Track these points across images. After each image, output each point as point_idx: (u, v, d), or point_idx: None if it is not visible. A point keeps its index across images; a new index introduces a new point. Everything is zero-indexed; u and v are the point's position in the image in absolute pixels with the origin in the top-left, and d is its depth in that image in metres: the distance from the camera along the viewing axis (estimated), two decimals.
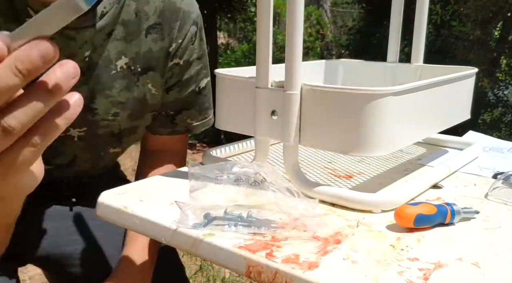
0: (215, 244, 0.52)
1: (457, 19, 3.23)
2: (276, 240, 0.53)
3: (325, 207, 0.63)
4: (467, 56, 3.21)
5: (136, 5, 0.79)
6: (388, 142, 0.62)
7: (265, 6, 0.63)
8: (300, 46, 0.61)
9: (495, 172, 0.78)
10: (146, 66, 0.82)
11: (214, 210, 0.56)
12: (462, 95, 0.81)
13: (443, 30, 3.39)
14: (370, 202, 0.62)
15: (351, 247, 0.52)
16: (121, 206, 0.62)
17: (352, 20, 6.55)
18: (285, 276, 0.47)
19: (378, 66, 0.97)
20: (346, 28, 5.96)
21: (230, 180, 0.59)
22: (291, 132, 0.64)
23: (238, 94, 0.70)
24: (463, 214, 0.59)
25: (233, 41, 9.05)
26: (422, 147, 0.92)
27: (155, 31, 0.80)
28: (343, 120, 0.60)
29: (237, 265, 0.51)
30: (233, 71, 0.75)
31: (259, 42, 0.65)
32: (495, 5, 3.12)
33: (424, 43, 0.92)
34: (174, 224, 0.56)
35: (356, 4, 5.57)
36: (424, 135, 0.78)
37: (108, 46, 0.77)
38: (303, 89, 0.63)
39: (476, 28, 3.13)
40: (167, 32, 0.81)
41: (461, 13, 3.24)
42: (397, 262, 0.49)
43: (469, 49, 3.22)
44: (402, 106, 0.62)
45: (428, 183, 0.70)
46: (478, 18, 3.13)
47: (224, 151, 0.83)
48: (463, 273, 0.47)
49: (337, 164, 0.81)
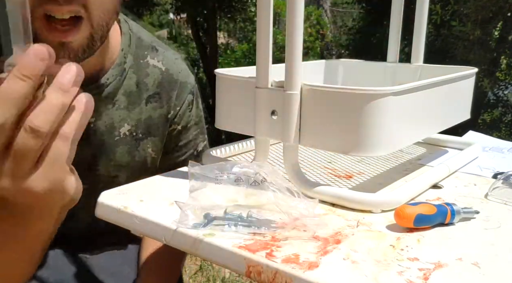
0: (215, 244, 0.52)
1: (457, 19, 3.23)
2: (276, 240, 0.53)
3: (325, 207, 0.63)
4: (467, 56, 3.21)
5: (137, 78, 0.87)
6: (388, 142, 0.62)
7: (265, 6, 0.63)
8: (300, 46, 0.61)
9: (495, 172, 0.78)
10: (146, 132, 0.89)
11: (214, 210, 0.56)
12: (462, 95, 0.81)
13: (443, 30, 3.39)
14: (370, 202, 0.62)
15: (351, 247, 0.52)
16: (121, 206, 0.62)
17: (352, 20, 6.55)
18: (285, 276, 0.47)
19: (378, 66, 0.97)
20: (346, 28, 5.96)
21: (230, 180, 0.59)
22: (291, 132, 0.64)
23: (238, 94, 0.70)
24: (463, 214, 0.59)
25: (233, 41, 9.05)
26: (422, 147, 0.92)
27: (154, 100, 0.89)
28: (343, 120, 0.60)
29: (237, 265, 0.51)
30: (233, 71, 0.75)
31: (259, 42, 0.65)
32: (495, 5, 3.12)
33: (424, 43, 0.92)
34: (174, 224, 0.56)
35: (356, 4, 5.56)
36: (424, 135, 0.78)
37: (112, 114, 0.84)
38: (303, 89, 0.63)
39: (476, 28, 3.13)
40: (165, 100, 0.90)
41: (461, 13, 3.24)
42: (397, 262, 0.49)
43: (469, 49, 3.22)
44: (402, 106, 0.62)
45: (428, 183, 0.70)
46: (478, 18, 3.13)
47: (224, 151, 0.83)
48: (463, 273, 0.47)
49: (337, 164, 0.81)
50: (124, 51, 0.85)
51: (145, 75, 0.88)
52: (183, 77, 0.92)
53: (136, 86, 0.87)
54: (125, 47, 0.86)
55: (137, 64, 0.88)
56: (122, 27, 0.87)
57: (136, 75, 0.87)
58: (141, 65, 0.88)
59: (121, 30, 0.86)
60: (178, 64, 0.93)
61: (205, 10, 5.56)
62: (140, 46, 0.89)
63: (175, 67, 0.92)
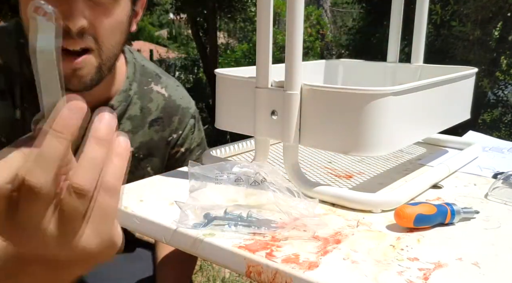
0: (215, 244, 0.52)
1: (457, 19, 3.23)
2: (276, 240, 0.53)
3: (325, 207, 0.63)
4: (467, 56, 3.21)
5: (141, 103, 0.92)
6: (388, 142, 0.62)
7: (265, 6, 0.63)
8: (300, 46, 0.61)
9: (495, 172, 0.78)
10: (147, 153, 0.94)
11: (214, 210, 0.56)
12: (462, 95, 0.81)
13: (443, 30, 3.39)
14: (370, 202, 0.62)
15: (351, 247, 0.52)
16: (121, 206, 0.62)
17: (352, 20, 6.55)
18: (285, 276, 0.47)
19: (378, 66, 0.97)
20: (346, 28, 5.96)
21: (230, 180, 0.59)
22: (291, 132, 0.64)
23: (238, 94, 0.70)
24: (463, 214, 0.59)
25: (233, 41, 9.05)
26: (422, 147, 0.92)
27: (157, 124, 0.94)
28: (343, 120, 0.60)
29: (237, 265, 0.51)
30: (233, 71, 0.75)
31: (259, 42, 0.65)
32: (495, 5, 3.12)
33: (424, 43, 0.92)
34: (174, 224, 0.56)
35: (356, 4, 5.57)
36: (424, 135, 0.78)
37: None
38: (303, 89, 0.63)
39: (476, 28, 3.13)
40: (167, 124, 0.95)
41: (461, 13, 3.24)
42: (397, 262, 0.49)
43: (469, 49, 3.22)
44: (402, 106, 0.62)
45: (428, 183, 0.70)
46: (478, 18, 3.13)
47: (224, 151, 0.83)
48: (463, 273, 0.47)
49: (337, 164, 0.81)
50: (129, 79, 0.90)
51: (148, 100, 0.93)
52: (185, 103, 0.98)
53: (140, 111, 0.92)
54: (131, 75, 0.91)
55: (141, 90, 0.93)
56: (127, 57, 0.92)
57: (140, 101, 0.92)
58: (145, 92, 0.93)
59: (126, 59, 0.92)
60: (180, 91, 0.99)
61: (205, 10, 5.56)
62: (145, 73, 0.94)
63: (177, 94, 0.97)
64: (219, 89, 0.73)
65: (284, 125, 0.64)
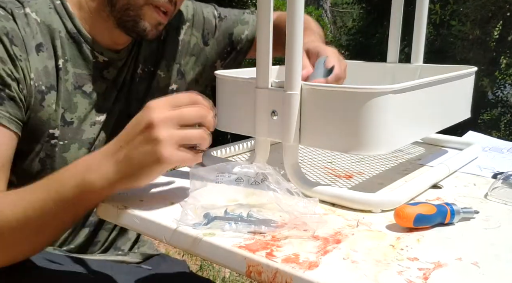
0: (215, 243, 0.52)
1: (457, 18, 3.23)
2: (276, 240, 0.53)
3: (325, 207, 0.63)
4: (466, 56, 3.22)
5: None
6: (388, 140, 0.62)
7: (265, 6, 0.63)
8: (300, 46, 0.62)
9: (495, 172, 0.78)
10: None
11: (214, 209, 0.56)
12: (462, 93, 0.81)
13: (442, 29, 3.39)
14: (370, 202, 0.62)
15: (351, 247, 0.52)
16: (121, 206, 0.62)
17: (352, 20, 6.55)
18: (285, 276, 0.47)
19: (378, 66, 0.97)
20: (346, 28, 5.96)
21: (230, 180, 0.59)
22: (291, 132, 0.64)
23: (239, 95, 0.70)
24: (463, 214, 0.59)
25: None
26: (421, 147, 0.92)
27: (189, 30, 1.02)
28: (343, 120, 0.61)
29: (237, 265, 0.51)
30: (233, 72, 0.75)
31: (259, 42, 0.65)
32: (494, 5, 3.12)
33: (424, 43, 0.92)
34: (174, 224, 0.56)
35: (356, 5, 5.57)
36: (424, 133, 0.78)
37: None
38: (303, 89, 0.63)
39: (475, 28, 3.13)
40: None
41: (461, 12, 3.25)
42: (397, 262, 0.49)
43: (469, 49, 3.23)
44: (402, 105, 0.62)
45: (428, 183, 0.70)
46: (477, 18, 3.14)
47: (224, 151, 0.83)
48: (463, 273, 0.47)
49: (337, 164, 0.81)
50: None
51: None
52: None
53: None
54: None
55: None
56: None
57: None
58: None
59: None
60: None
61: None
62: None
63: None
64: (219, 90, 0.73)
65: (284, 125, 0.64)
